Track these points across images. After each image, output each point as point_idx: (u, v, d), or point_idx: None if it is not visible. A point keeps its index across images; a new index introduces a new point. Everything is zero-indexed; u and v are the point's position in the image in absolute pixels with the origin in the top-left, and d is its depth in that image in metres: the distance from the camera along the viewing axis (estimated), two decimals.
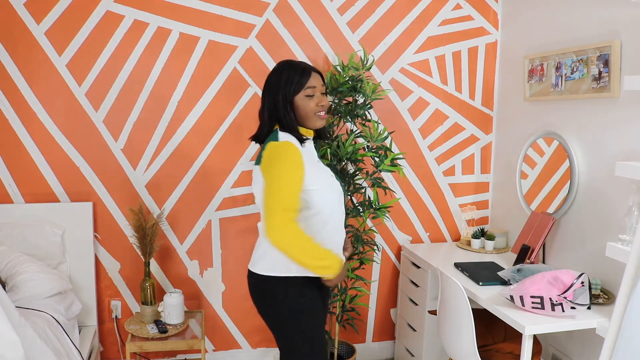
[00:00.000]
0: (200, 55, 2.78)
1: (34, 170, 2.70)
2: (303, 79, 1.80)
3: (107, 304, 2.87)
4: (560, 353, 2.56)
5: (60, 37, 2.64)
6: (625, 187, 2.17)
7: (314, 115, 1.82)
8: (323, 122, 1.87)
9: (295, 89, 1.79)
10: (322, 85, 1.86)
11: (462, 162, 3.20)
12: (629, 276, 1.26)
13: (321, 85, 1.85)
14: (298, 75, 1.80)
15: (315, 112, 1.82)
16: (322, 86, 1.85)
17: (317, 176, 1.78)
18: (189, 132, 2.82)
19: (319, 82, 1.84)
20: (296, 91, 1.79)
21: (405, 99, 3.05)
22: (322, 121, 1.86)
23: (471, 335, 2.10)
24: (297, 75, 1.80)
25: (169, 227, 2.87)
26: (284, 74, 1.81)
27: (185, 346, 2.55)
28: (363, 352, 3.20)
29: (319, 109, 1.83)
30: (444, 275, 2.26)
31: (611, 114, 2.27)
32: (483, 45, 3.12)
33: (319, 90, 1.83)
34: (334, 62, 2.91)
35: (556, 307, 1.98)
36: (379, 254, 3.15)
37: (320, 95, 1.84)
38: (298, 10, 2.85)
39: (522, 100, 2.88)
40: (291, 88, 1.79)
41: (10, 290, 2.31)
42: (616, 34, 2.22)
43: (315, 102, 1.82)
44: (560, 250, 2.59)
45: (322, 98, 1.84)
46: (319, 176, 1.80)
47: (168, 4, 2.71)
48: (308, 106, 1.80)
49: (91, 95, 2.71)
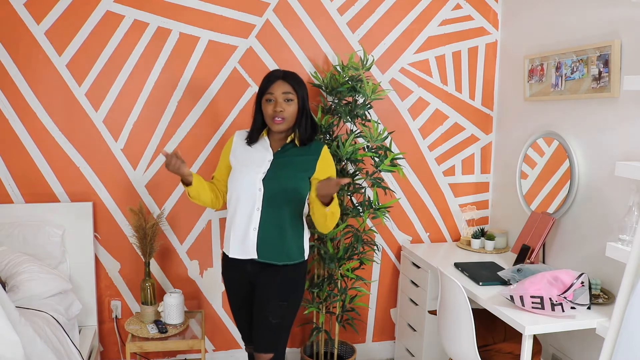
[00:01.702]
0: (200, 55, 2.78)
1: (34, 170, 2.70)
2: (267, 85, 2.04)
3: (107, 304, 2.87)
4: (560, 353, 2.56)
5: (60, 37, 2.64)
6: (625, 187, 2.17)
7: (270, 119, 2.03)
8: (277, 126, 2.03)
9: (260, 93, 2.06)
10: (286, 93, 2.01)
11: (462, 162, 3.20)
12: (629, 276, 1.26)
13: (283, 93, 2.01)
14: (265, 80, 2.06)
15: (271, 117, 2.02)
16: (284, 94, 2.01)
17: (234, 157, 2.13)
18: (189, 132, 2.82)
19: (280, 90, 2.01)
20: (260, 95, 2.06)
21: (405, 99, 3.05)
22: (276, 126, 2.03)
23: (471, 335, 2.10)
24: (264, 81, 2.06)
25: (169, 227, 2.87)
26: (263, 81, 2.07)
27: (185, 346, 2.55)
28: (363, 352, 3.20)
29: (274, 114, 2.01)
30: (444, 275, 2.26)
31: (611, 114, 2.27)
32: (483, 45, 3.12)
33: (279, 97, 2.01)
34: (334, 62, 2.91)
35: (556, 307, 1.98)
36: (379, 254, 3.15)
37: (281, 102, 2.01)
38: (298, 10, 2.85)
39: (522, 100, 2.88)
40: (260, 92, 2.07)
41: (10, 290, 2.31)
42: (616, 34, 2.22)
43: (272, 107, 2.02)
44: (560, 250, 2.59)
45: (279, 104, 2.00)
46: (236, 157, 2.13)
47: (168, 4, 2.71)
48: (265, 110, 2.04)
49: (91, 95, 2.71)
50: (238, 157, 2.13)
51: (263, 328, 2.07)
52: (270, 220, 2.03)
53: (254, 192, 2.02)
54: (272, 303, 2.05)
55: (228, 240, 2.11)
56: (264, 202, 2.02)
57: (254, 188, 2.02)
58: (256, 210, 2.02)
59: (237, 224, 2.05)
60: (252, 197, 2.02)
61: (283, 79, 2.04)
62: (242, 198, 2.04)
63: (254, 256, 2.04)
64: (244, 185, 2.04)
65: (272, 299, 2.06)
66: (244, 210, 2.04)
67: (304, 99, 2.06)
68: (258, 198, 2.02)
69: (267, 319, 2.05)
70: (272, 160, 2.06)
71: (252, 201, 2.02)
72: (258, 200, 2.02)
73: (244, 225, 2.04)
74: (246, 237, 2.04)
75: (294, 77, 2.08)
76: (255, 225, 2.03)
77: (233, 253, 2.08)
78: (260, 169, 2.05)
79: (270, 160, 2.06)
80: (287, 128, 2.07)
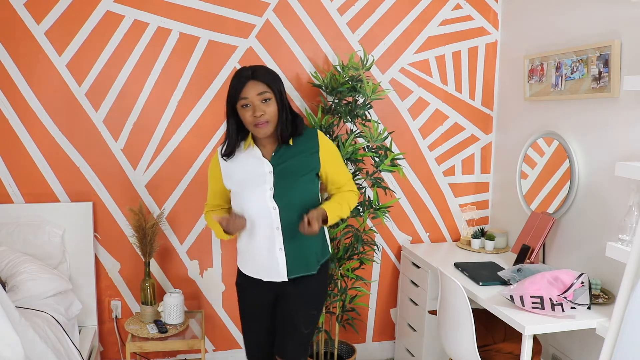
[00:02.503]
0: (200, 55, 2.78)
1: (34, 170, 2.70)
2: (237, 88, 1.80)
3: (107, 304, 2.87)
4: (560, 353, 2.56)
5: (60, 37, 2.64)
6: (625, 187, 2.17)
7: (251, 126, 1.82)
8: (262, 131, 1.82)
9: (232, 99, 1.83)
10: (262, 93, 1.79)
11: (462, 162, 3.20)
12: (629, 276, 1.26)
13: (258, 94, 1.78)
14: (235, 83, 1.81)
15: (252, 124, 1.81)
16: (260, 95, 1.79)
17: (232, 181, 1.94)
18: (189, 132, 2.82)
19: (254, 91, 1.78)
20: (233, 101, 1.83)
21: (405, 99, 3.05)
22: (261, 131, 1.82)
23: (471, 335, 2.10)
24: (234, 84, 1.82)
25: (169, 227, 2.87)
26: (231, 83, 1.84)
27: (185, 346, 2.55)
28: (363, 352, 3.20)
29: (254, 120, 1.79)
30: (444, 275, 2.26)
31: (611, 114, 2.27)
32: (483, 45, 3.12)
33: (254, 99, 1.79)
34: (334, 62, 2.91)
35: (556, 307, 1.98)
36: (379, 254, 3.15)
37: (258, 104, 1.79)
38: (298, 10, 2.85)
39: (522, 100, 2.88)
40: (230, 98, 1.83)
41: (10, 290, 2.31)
42: (616, 34, 2.22)
43: (250, 112, 1.80)
44: (560, 250, 2.59)
45: (258, 108, 1.79)
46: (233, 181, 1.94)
47: (168, 4, 2.71)
48: (243, 117, 1.82)
49: (91, 95, 2.71)
50: (234, 178, 1.93)
51: (294, 339, 1.97)
52: (292, 235, 1.87)
53: (268, 212, 1.86)
54: (303, 313, 1.96)
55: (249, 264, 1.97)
56: (282, 218, 1.86)
57: (267, 208, 1.85)
58: (276, 229, 1.86)
59: (259, 249, 1.90)
60: (268, 218, 1.86)
61: (254, 78, 1.80)
62: (257, 221, 1.88)
63: (285, 278, 1.90)
64: (255, 207, 1.87)
65: (302, 309, 1.96)
66: (262, 232, 1.87)
67: (282, 93, 1.84)
68: (275, 217, 1.86)
69: (297, 329, 1.96)
70: (272, 170, 1.87)
71: (268, 222, 1.86)
72: (275, 219, 1.86)
73: (266, 248, 1.89)
74: (273, 260, 1.89)
75: (265, 72, 1.84)
76: (280, 246, 1.87)
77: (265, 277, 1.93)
78: (265, 185, 1.86)
79: (271, 172, 1.87)
80: (274, 129, 1.85)
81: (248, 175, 1.89)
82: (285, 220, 1.86)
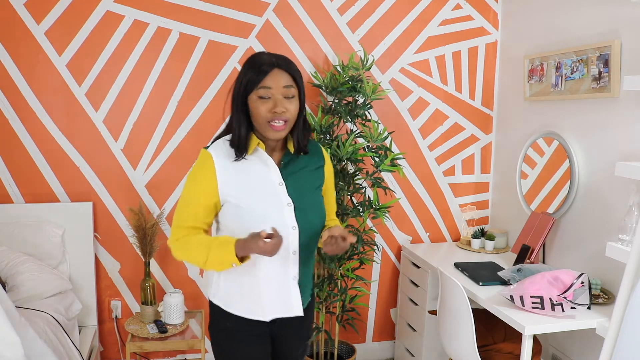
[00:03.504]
0: (200, 55, 2.78)
1: (34, 170, 2.70)
2: (258, 75, 1.44)
3: (107, 304, 2.87)
4: (560, 353, 2.56)
5: (60, 37, 2.64)
6: (625, 187, 2.17)
7: (265, 123, 1.46)
8: (277, 134, 1.47)
9: (247, 86, 1.46)
10: (288, 87, 1.46)
11: (462, 162, 3.20)
12: (629, 276, 1.26)
13: (284, 87, 1.45)
14: (255, 69, 1.45)
15: (267, 120, 1.45)
16: (285, 88, 1.45)
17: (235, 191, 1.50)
18: (189, 132, 2.82)
19: (280, 82, 1.45)
20: (248, 90, 1.46)
21: (405, 99, 3.05)
22: (275, 132, 1.46)
23: (471, 335, 2.10)
24: (254, 70, 1.46)
25: (169, 227, 2.87)
26: (248, 68, 1.48)
27: (185, 346, 2.55)
28: (363, 352, 3.20)
29: (272, 116, 1.44)
30: (444, 275, 2.26)
31: (611, 114, 2.27)
32: (483, 45, 3.12)
33: (278, 92, 1.45)
34: (334, 62, 2.91)
35: (556, 307, 1.98)
36: (379, 254, 3.15)
37: (280, 98, 1.45)
38: (298, 10, 2.85)
39: (522, 100, 2.88)
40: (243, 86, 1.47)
41: (10, 290, 2.31)
42: (616, 34, 2.22)
43: (269, 106, 1.44)
44: (560, 250, 2.59)
45: (279, 102, 1.44)
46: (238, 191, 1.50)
47: (168, 4, 2.71)
48: (257, 110, 1.45)
49: (91, 95, 2.71)
50: (239, 188, 1.50)
51: None
52: (306, 261, 1.57)
53: (287, 232, 1.49)
54: (303, 348, 1.74)
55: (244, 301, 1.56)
56: (300, 240, 1.52)
57: (286, 228, 1.49)
58: (292, 254, 1.51)
59: (269, 279, 1.53)
60: (285, 239, 1.47)
61: (279, 67, 1.46)
62: None
63: (299, 313, 1.57)
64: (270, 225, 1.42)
65: (302, 345, 1.73)
66: (274, 258, 1.46)
67: (304, 94, 1.53)
68: (293, 239, 1.50)
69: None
70: (282, 183, 1.53)
71: (284, 245, 1.46)
72: (293, 241, 1.51)
73: (279, 278, 1.53)
74: (284, 291, 1.55)
75: (290, 62, 1.50)
76: (294, 274, 1.53)
77: (269, 315, 1.56)
78: (280, 197, 1.51)
79: (282, 184, 1.52)
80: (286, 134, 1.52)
81: (250, 183, 1.51)
82: (302, 242, 1.53)
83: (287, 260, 1.52)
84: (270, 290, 1.54)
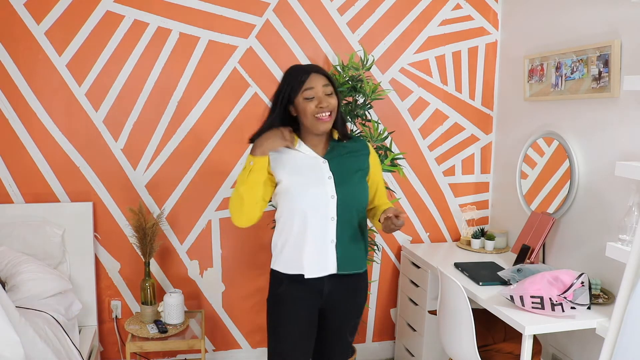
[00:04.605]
0: (200, 55, 2.78)
1: (34, 170, 2.70)
2: (302, 80, 1.75)
3: (107, 304, 2.87)
4: (560, 353, 2.56)
5: (60, 37, 2.64)
6: (625, 187, 2.17)
7: (313, 118, 1.76)
8: (324, 125, 1.77)
9: (292, 91, 1.76)
10: (327, 86, 1.78)
11: (462, 162, 3.20)
12: (629, 276, 1.26)
13: (323, 86, 1.76)
14: (299, 76, 1.77)
15: (315, 114, 1.75)
16: (325, 87, 1.77)
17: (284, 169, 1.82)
18: (189, 132, 2.82)
19: (320, 83, 1.76)
20: (292, 96, 1.77)
21: (405, 99, 3.05)
22: (323, 125, 1.77)
23: (471, 335, 2.10)
24: (298, 77, 1.77)
25: (169, 227, 2.87)
26: (290, 76, 1.79)
27: (185, 346, 2.55)
28: (363, 352, 3.20)
29: (318, 110, 1.74)
30: (444, 275, 2.26)
31: (611, 114, 2.27)
32: (483, 46, 3.12)
33: (319, 90, 1.75)
34: (334, 62, 2.91)
35: (556, 307, 1.98)
36: (379, 254, 3.15)
37: (322, 95, 1.76)
38: (298, 10, 2.85)
39: (522, 100, 2.88)
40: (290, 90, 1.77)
41: (10, 290, 2.31)
42: (616, 34, 2.22)
43: (315, 104, 1.75)
44: (560, 250, 2.59)
45: (322, 99, 1.75)
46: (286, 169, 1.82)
47: (168, 4, 2.71)
48: (305, 109, 1.75)
49: (91, 95, 2.71)
50: (287, 167, 1.82)
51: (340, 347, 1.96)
52: (345, 228, 1.82)
53: (327, 200, 1.79)
54: (352, 323, 1.95)
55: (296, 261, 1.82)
56: (338, 209, 1.80)
57: (326, 196, 1.78)
58: (330, 220, 1.79)
59: (311, 240, 1.79)
60: (325, 207, 1.78)
61: (316, 72, 1.78)
62: (312, 209, 1.78)
63: (333, 271, 1.82)
64: (312, 195, 1.78)
65: (352, 319, 1.94)
66: (316, 222, 1.78)
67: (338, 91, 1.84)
68: (332, 207, 1.79)
69: (344, 338, 1.94)
70: (326, 162, 1.82)
71: (324, 211, 1.78)
72: (332, 209, 1.79)
73: (319, 239, 1.80)
74: (324, 252, 1.81)
75: (323, 68, 1.85)
76: (332, 237, 1.80)
77: (310, 272, 1.81)
78: (323, 173, 1.81)
79: (326, 163, 1.82)
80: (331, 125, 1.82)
81: (297, 164, 1.82)
82: (340, 210, 1.80)
83: (327, 225, 1.79)
84: (312, 250, 1.80)
